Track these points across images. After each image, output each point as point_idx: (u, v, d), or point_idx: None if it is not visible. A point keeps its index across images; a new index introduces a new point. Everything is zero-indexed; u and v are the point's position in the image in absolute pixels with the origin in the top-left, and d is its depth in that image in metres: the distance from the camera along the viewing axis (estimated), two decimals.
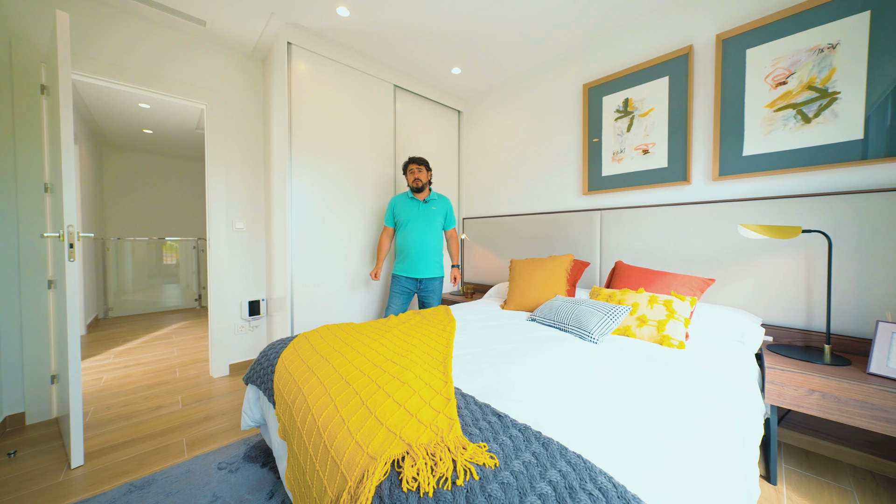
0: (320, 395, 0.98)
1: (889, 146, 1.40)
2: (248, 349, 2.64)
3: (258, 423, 1.47)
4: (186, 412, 1.94)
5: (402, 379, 0.99)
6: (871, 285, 1.44)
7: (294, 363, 1.22)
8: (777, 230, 1.40)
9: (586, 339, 1.46)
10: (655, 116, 2.05)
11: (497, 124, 3.03)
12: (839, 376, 1.23)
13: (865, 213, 1.43)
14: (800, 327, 1.60)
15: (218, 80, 2.45)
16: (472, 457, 0.65)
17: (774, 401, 1.33)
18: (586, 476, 0.61)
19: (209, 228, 2.44)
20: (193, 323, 4.16)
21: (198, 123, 3.97)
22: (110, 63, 2.04)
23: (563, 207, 2.56)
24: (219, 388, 2.26)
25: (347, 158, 2.49)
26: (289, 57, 2.21)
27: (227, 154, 2.50)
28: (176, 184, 5.33)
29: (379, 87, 2.66)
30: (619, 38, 2.22)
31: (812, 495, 1.31)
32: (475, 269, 3.18)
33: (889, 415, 1.14)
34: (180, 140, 4.52)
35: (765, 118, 1.68)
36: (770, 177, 1.70)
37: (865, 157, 1.45)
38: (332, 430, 0.82)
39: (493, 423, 0.78)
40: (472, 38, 2.33)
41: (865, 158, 1.45)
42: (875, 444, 1.45)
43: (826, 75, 1.53)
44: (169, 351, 3.05)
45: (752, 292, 1.71)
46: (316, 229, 2.34)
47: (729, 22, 1.79)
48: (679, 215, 1.94)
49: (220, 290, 2.47)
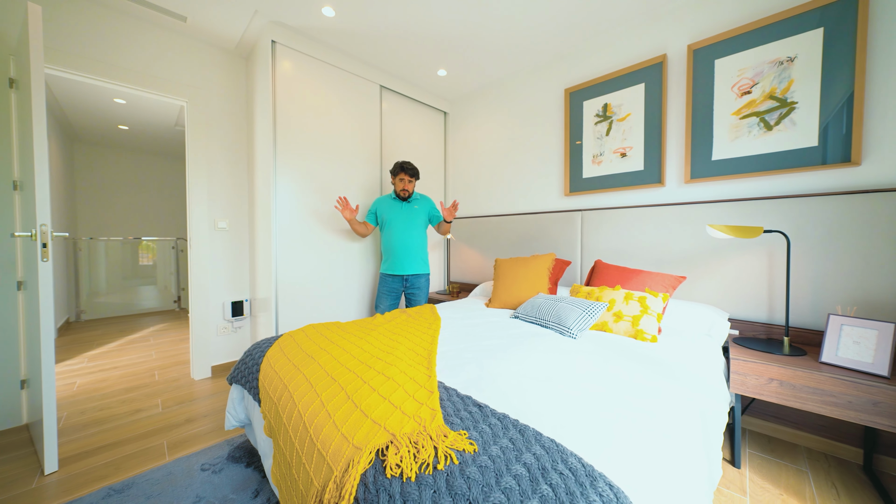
0: (306, 391, 0.99)
1: (841, 153, 1.52)
2: (231, 350, 2.60)
3: (242, 423, 1.47)
4: (167, 415, 1.90)
5: (387, 374, 1.02)
6: (824, 281, 1.55)
7: (280, 361, 1.23)
8: (741, 230, 1.50)
9: (566, 334, 1.52)
10: (632, 121, 2.14)
11: (482, 126, 3.08)
12: (795, 366, 1.33)
13: (820, 215, 1.55)
14: (763, 321, 1.71)
15: (199, 77, 2.40)
16: (453, 443, 0.69)
17: (738, 389, 1.43)
18: (558, 458, 0.65)
19: (190, 228, 2.39)
20: (172, 325, 4.05)
21: (177, 120, 3.86)
22: (83, 57, 1.98)
23: (545, 208, 2.63)
24: (201, 391, 2.22)
25: (333, 158, 2.49)
26: (273, 55, 2.20)
27: (209, 152, 2.46)
28: (153, 182, 5.16)
29: (365, 87, 2.67)
30: (599, 46, 2.31)
31: (772, 477, 1.41)
32: (461, 269, 3.22)
33: (837, 399, 1.25)
34: (158, 137, 4.39)
35: (731, 125, 1.79)
36: (736, 180, 1.80)
37: (820, 162, 1.57)
38: (319, 424, 0.84)
39: (474, 412, 0.82)
40: (457, 42, 2.37)
41: (820, 164, 1.57)
42: (828, 428, 1.57)
43: (785, 86, 1.64)
44: (147, 354, 2.96)
45: (721, 289, 1.81)
46: (301, 229, 2.33)
47: (699, 33, 1.90)
48: (654, 216, 2.03)
49: (202, 291, 2.43)
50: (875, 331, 1.29)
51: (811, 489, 1.34)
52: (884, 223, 1.42)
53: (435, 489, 0.59)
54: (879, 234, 1.43)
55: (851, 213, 1.48)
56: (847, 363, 1.31)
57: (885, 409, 1.17)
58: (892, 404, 1.16)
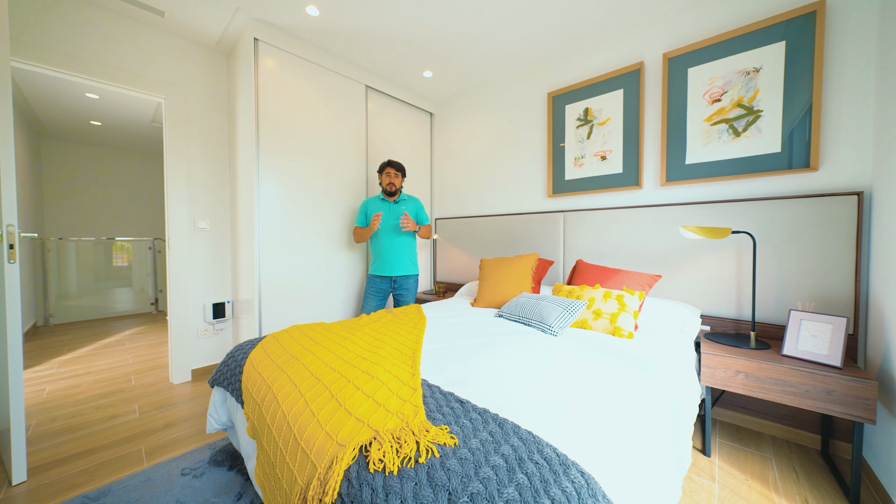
0: (290, 391, 1.00)
1: (802, 159, 1.63)
2: (212, 353, 2.54)
3: (225, 426, 1.45)
4: (145, 420, 1.85)
5: (372, 373, 1.04)
6: (786, 279, 1.65)
7: (263, 363, 1.22)
8: (711, 231, 1.58)
9: (547, 332, 1.57)
10: (612, 125, 2.22)
11: (467, 127, 3.12)
12: (759, 358, 1.42)
13: (783, 217, 1.65)
14: (732, 317, 1.80)
15: (178, 74, 2.34)
16: (435, 438, 0.71)
17: (708, 382, 1.51)
18: (534, 448, 0.68)
19: (168, 228, 2.33)
20: (149, 328, 3.91)
21: (154, 117, 3.74)
22: (52, 50, 1.90)
23: (529, 209, 2.69)
24: (181, 395, 2.17)
25: (318, 157, 2.47)
26: (256, 53, 2.17)
27: (189, 150, 2.40)
28: (128, 180, 4.98)
29: (351, 87, 2.66)
30: (580, 52, 2.37)
31: (739, 463, 1.50)
32: (447, 269, 3.25)
33: (796, 389, 1.33)
34: (134, 133, 4.23)
35: (703, 131, 1.88)
36: (708, 183, 1.90)
37: (783, 167, 1.67)
38: (303, 423, 0.85)
39: (456, 408, 0.84)
40: (443, 44, 2.40)
41: (783, 169, 1.67)
42: (789, 417, 1.68)
43: (752, 95, 1.74)
44: (122, 358, 2.86)
45: (693, 287, 1.90)
46: (285, 229, 2.31)
47: (674, 42, 1.98)
48: (632, 217, 2.11)
49: (182, 293, 2.37)
50: (830, 325, 1.38)
51: (774, 474, 1.43)
52: (838, 225, 1.52)
53: (416, 481, 0.61)
54: (835, 235, 1.53)
55: (811, 215, 1.58)
56: (805, 355, 1.40)
57: (837, 397, 1.26)
58: (844, 392, 1.25)
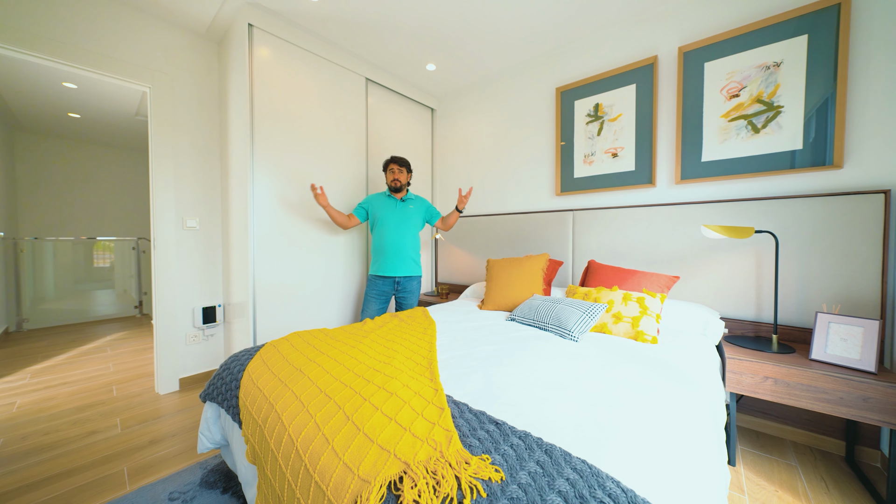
0: (297, 411, 0.88)
1: (824, 156, 1.58)
2: (202, 360, 2.39)
3: (218, 444, 1.32)
4: (128, 436, 1.70)
5: (389, 389, 0.93)
6: (809, 280, 1.60)
7: (263, 376, 1.10)
8: (734, 230, 1.51)
9: (566, 337, 1.48)
10: (624, 122, 2.15)
11: (471, 124, 3.02)
12: (788, 363, 1.36)
13: (805, 216, 1.60)
14: (751, 319, 1.75)
15: (165, 61, 2.18)
16: (477, 472, 0.61)
17: (734, 388, 1.44)
18: (594, 483, 0.59)
19: (154, 227, 2.17)
20: (133, 333, 3.71)
21: (138, 109, 3.54)
22: (26, 32, 1.73)
23: (536, 208, 2.60)
24: (167, 406, 2.01)
25: (317, 153, 2.34)
26: (250, 40, 2.02)
27: (176, 144, 2.24)
28: (110, 176, 4.73)
29: (350, 79, 2.53)
30: (591, 46, 2.30)
31: (765, 473, 1.44)
32: (450, 269, 3.15)
33: (829, 396, 1.27)
34: (116, 127, 4.01)
35: (720, 127, 1.82)
36: (725, 181, 1.84)
37: (805, 165, 1.62)
38: (315, 451, 0.74)
39: (492, 431, 0.74)
40: (448, 36, 2.29)
41: (804, 167, 1.62)
42: (812, 422, 1.62)
43: (772, 90, 1.68)
44: (103, 366, 2.67)
45: (710, 288, 1.84)
46: (281, 227, 2.17)
47: (690, 36, 1.92)
48: (645, 216, 2.04)
49: (169, 296, 2.21)
50: (861, 328, 1.33)
51: (802, 484, 1.37)
52: (864, 224, 1.48)
53: None
54: (860, 235, 1.49)
55: (834, 214, 1.53)
56: (836, 360, 1.34)
57: (874, 404, 1.20)
58: (881, 399, 1.20)
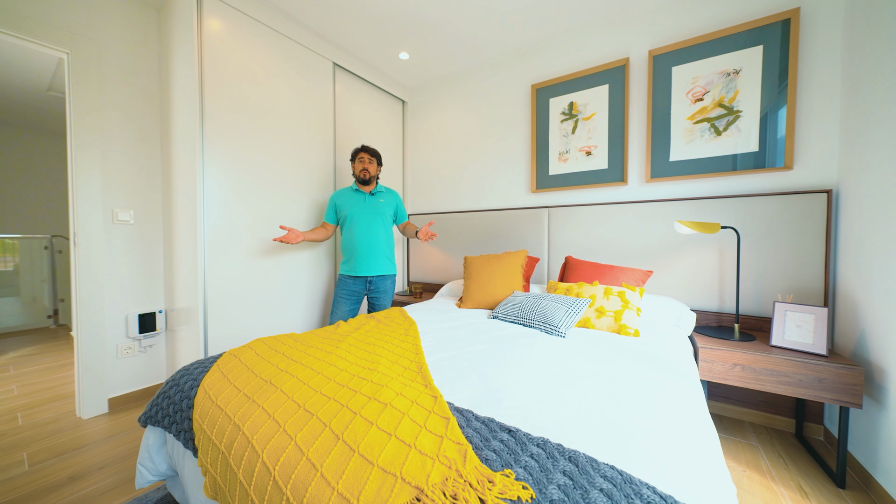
0: (272, 432, 0.74)
1: (778, 158, 1.71)
2: (139, 376, 2.06)
3: (164, 475, 1.11)
4: (38, 474, 1.39)
5: (381, 398, 0.82)
6: (765, 272, 1.74)
7: (224, 392, 0.93)
8: (704, 226, 1.59)
9: (553, 333, 1.46)
10: (597, 121, 2.20)
11: (445, 118, 2.94)
12: (753, 350, 1.45)
13: (761, 213, 1.73)
14: (714, 310, 1.86)
15: (88, 24, 1.84)
16: (503, 491, 0.53)
17: (706, 376, 1.51)
18: (630, 491, 0.54)
19: (75, 221, 1.82)
20: (45, 348, 3.14)
21: (51, 83, 3.00)
22: None
23: (512, 205, 2.59)
24: (93, 433, 1.69)
25: (278, 141, 2.11)
26: (199, 9, 1.77)
27: (104, 123, 1.90)
28: (15, 164, 3.99)
29: (316, 62, 2.33)
30: (566, 44, 2.33)
31: (733, 454, 1.52)
32: (423, 268, 3.04)
33: (790, 379, 1.37)
34: (23, 105, 3.37)
35: (686, 129, 1.92)
36: (691, 180, 1.94)
37: (761, 166, 1.75)
38: (299, 479, 0.61)
39: (507, 441, 0.67)
40: (424, 23, 2.19)
41: (760, 167, 1.75)
42: (766, 403, 1.76)
43: (732, 95, 1.80)
44: (4, 389, 2.21)
45: (678, 281, 1.94)
46: (236, 222, 1.93)
47: (659, 40, 2.01)
48: (617, 213, 2.11)
49: (94, 302, 1.87)
50: (812, 315, 1.45)
51: (765, 462, 1.47)
52: (811, 221, 1.63)
53: None
54: (808, 230, 1.63)
55: (786, 211, 1.68)
56: (793, 345, 1.46)
57: (828, 384, 1.31)
58: (833, 379, 1.31)
